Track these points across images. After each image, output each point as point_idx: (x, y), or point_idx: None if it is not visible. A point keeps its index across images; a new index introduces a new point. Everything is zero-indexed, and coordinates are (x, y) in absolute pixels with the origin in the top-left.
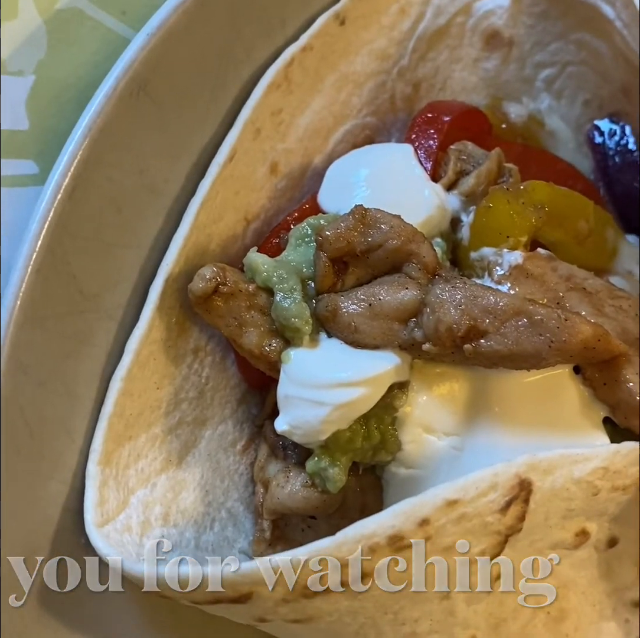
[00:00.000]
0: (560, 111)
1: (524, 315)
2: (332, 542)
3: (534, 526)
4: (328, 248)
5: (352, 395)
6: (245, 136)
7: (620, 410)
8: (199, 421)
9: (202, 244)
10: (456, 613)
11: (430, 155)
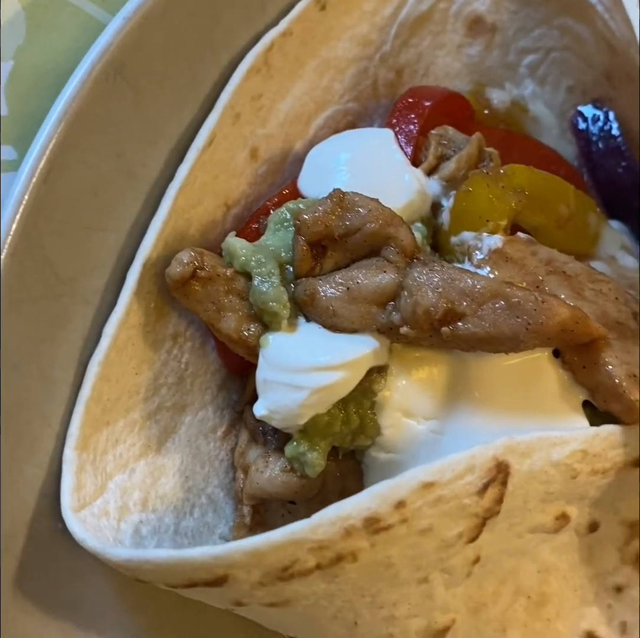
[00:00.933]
0: (544, 97)
1: (501, 298)
2: (308, 524)
3: (512, 509)
4: (306, 232)
5: (330, 379)
6: (224, 121)
7: (600, 393)
8: (178, 407)
9: (180, 229)
10: (435, 597)
11: (411, 140)
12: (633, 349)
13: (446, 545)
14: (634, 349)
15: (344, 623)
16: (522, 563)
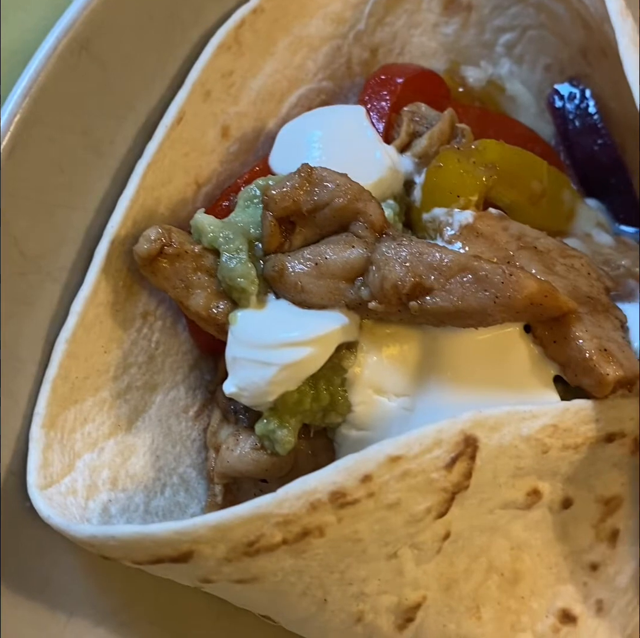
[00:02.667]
0: (521, 76)
1: (468, 271)
2: (274, 498)
3: (482, 485)
4: (274, 208)
5: (298, 355)
6: (194, 98)
7: (570, 368)
8: (149, 386)
9: (150, 207)
10: (405, 573)
11: (383, 116)
12: (604, 323)
13: (415, 520)
14: (605, 323)
15: (314, 600)
16: (494, 540)
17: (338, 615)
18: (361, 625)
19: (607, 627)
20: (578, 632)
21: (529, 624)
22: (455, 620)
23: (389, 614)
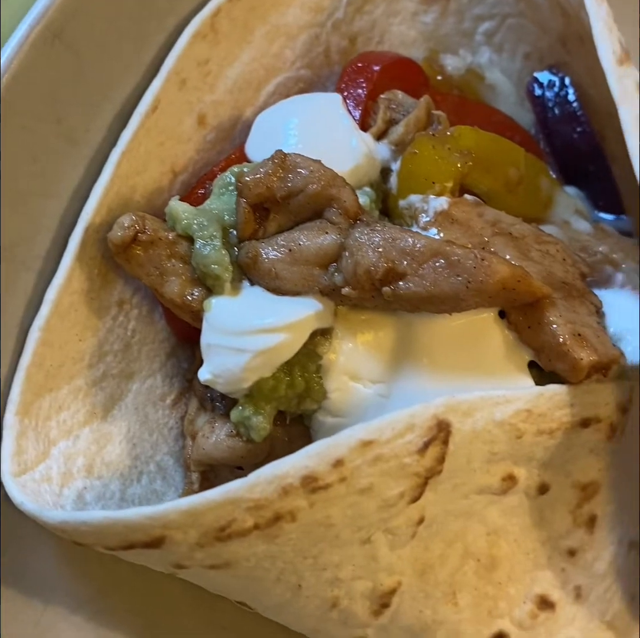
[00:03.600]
0: (501, 64)
1: (441, 256)
2: (245, 483)
3: (456, 470)
4: (248, 194)
5: (272, 341)
6: (169, 87)
7: (545, 353)
8: (125, 374)
9: (125, 195)
10: (379, 558)
11: (359, 104)
12: (579, 309)
13: (388, 505)
14: (580, 309)
15: (288, 586)
16: (469, 525)
17: (313, 600)
18: (336, 610)
19: (585, 613)
20: (556, 618)
21: (506, 610)
22: (431, 605)
23: (364, 600)
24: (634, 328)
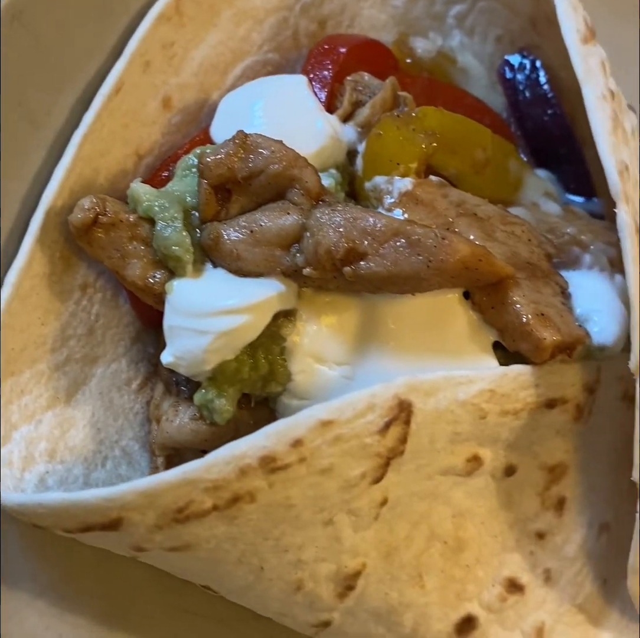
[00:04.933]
0: (472, 47)
1: (401, 236)
2: (202, 464)
3: (419, 450)
4: (209, 175)
5: (234, 323)
6: (133, 69)
7: (508, 333)
8: (89, 358)
9: (88, 178)
10: (342, 540)
11: (325, 86)
12: (543, 289)
13: (349, 486)
14: (545, 289)
15: (250, 568)
16: (434, 507)
17: (276, 583)
18: (301, 593)
19: (555, 596)
20: (526, 601)
21: (474, 593)
22: (397, 588)
23: (328, 582)
24: (601, 309)
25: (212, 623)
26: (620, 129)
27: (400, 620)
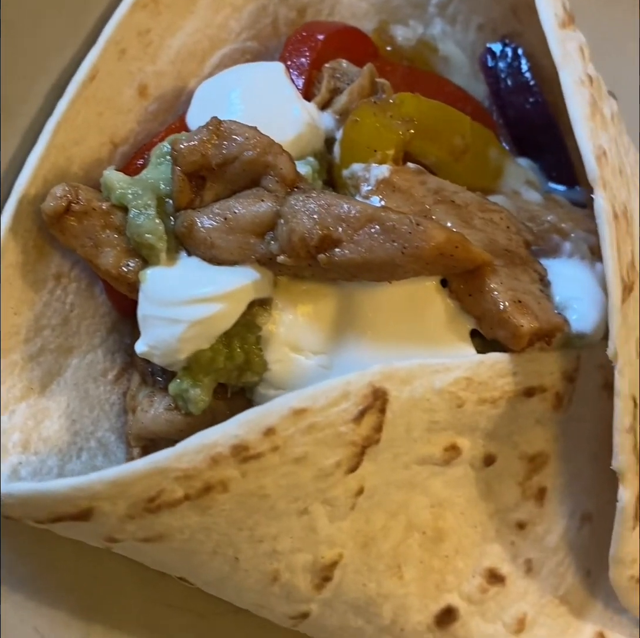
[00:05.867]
0: (455, 36)
1: (376, 222)
2: (172, 453)
3: (395, 439)
4: (182, 162)
5: (208, 311)
6: (108, 56)
7: (486, 321)
8: (63, 349)
9: (61, 167)
10: (318, 530)
11: (303, 73)
12: (521, 276)
13: (324, 475)
14: (523, 276)
15: (225, 559)
16: (412, 497)
17: (252, 574)
18: (277, 584)
19: (537, 587)
20: (507, 592)
21: (454, 584)
22: (375, 579)
23: (305, 573)
24: (581, 297)
25: (191, 617)
26: (599, 115)
27: (379, 611)
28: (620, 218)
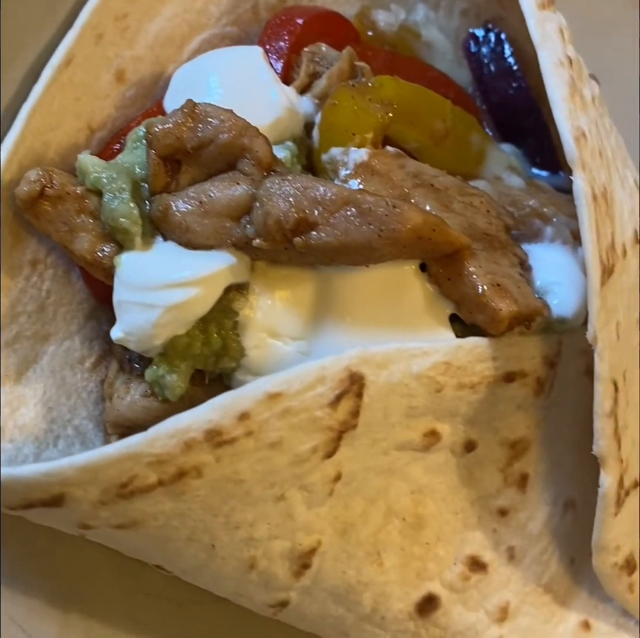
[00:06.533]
0: (438, 22)
1: (352, 204)
2: (144, 438)
3: (373, 424)
4: (157, 145)
5: (183, 296)
6: (84, 41)
7: (465, 305)
8: (40, 336)
9: (38, 152)
10: (295, 516)
11: (281, 57)
12: (501, 260)
13: (300, 460)
14: (502, 260)
15: (201, 546)
16: (392, 483)
17: (229, 562)
18: (255, 572)
19: (520, 575)
20: (489, 580)
21: (435, 571)
22: (354, 566)
23: (283, 560)
24: (562, 281)
25: (171, 606)
26: (578, 96)
27: (360, 599)
28: (599, 200)
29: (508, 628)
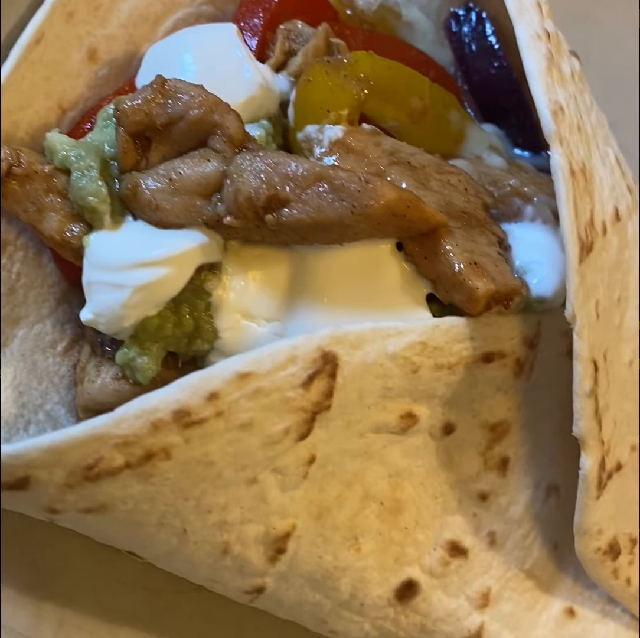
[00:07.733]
0: (419, 1)
1: (324, 180)
2: (110, 418)
3: (347, 405)
4: (126, 122)
5: (153, 276)
6: (55, 19)
7: (442, 284)
8: (10, 319)
9: (7, 132)
10: (269, 500)
11: (256, 34)
12: (478, 238)
13: (272, 442)
14: (480, 238)
15: (173, 531)
16: (368, 466)
17: (202, 546)
18: (229, 557)
19: (502, 560)
20: (470, 565)
21: (415, 556)
22: (331, 551)
23: (257, 545)
24: (541, 261)
25: (147, 595)
26: (555, 70)
27: (337, 585)
28: (578, 175)
29: (490, 615)
